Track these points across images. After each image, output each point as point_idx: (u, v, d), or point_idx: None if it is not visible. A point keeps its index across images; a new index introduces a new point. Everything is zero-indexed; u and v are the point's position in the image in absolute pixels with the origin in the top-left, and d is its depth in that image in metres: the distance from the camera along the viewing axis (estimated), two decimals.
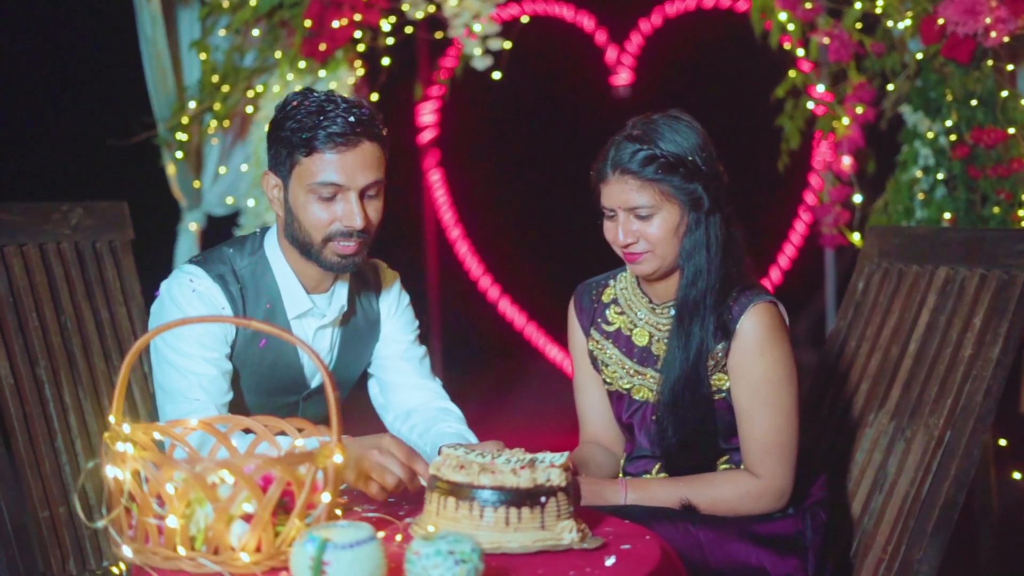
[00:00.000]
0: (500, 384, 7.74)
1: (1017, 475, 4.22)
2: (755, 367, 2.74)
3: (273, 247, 2.84)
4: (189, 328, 2.71)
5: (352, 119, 2.66)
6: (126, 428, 2.02)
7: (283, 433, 2.32)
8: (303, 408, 2.95)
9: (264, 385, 2.86)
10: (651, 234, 2.74)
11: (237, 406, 2.84)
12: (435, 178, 7.06)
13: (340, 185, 2.67)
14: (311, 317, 2.86)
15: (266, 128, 2.80)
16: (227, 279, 2.79)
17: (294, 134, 2.67)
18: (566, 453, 2.26)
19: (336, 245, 2.72)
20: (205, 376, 2.71)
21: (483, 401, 7.08)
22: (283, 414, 2.84)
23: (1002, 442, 4.28)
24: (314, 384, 2.93)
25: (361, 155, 2.68)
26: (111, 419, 2.04)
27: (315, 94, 2.72)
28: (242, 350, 2.80)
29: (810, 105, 4.91)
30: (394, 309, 3.06)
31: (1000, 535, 4.36)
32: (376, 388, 3.11)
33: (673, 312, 2.82)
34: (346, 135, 2.65)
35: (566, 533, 2.18)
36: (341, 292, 2.90)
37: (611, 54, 7.11)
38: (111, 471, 2.00)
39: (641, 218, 2.74)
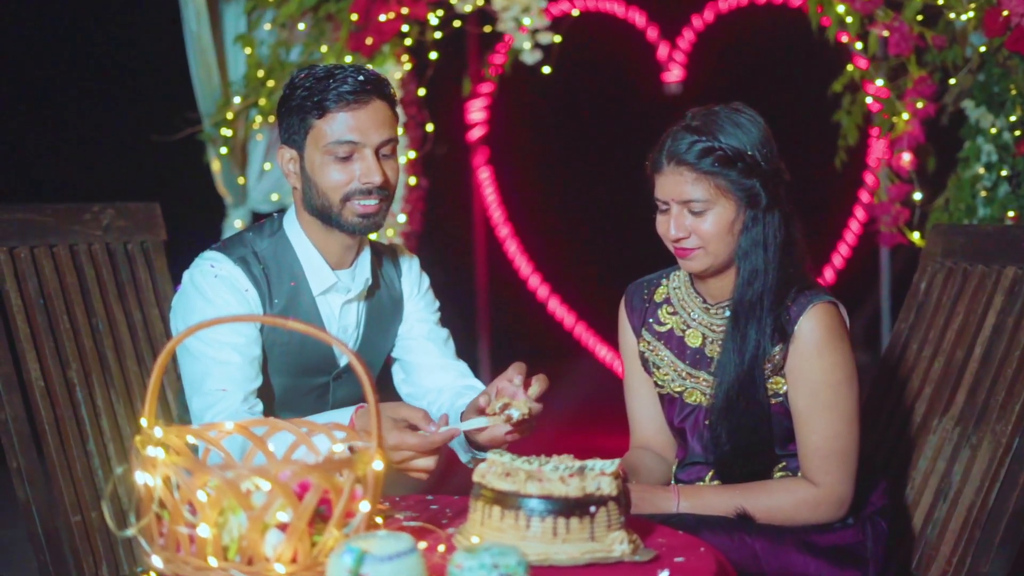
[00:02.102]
0: (549, 384, 7.65)
1: None
2: (814, 370, 2.66)
3: (292, 225, 2.85)
4: (214, 316, 2.69)
5: (361, 78, 2.71)
6: (157, 432, 1.95)
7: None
8: (333, 389, 2.92)
9: (294, 365, 2.84)
10: (704, 230, 2.66)
11: (268, 391, 2.83)
12: (484, 176, 7.04)
13: (356, 143, 2.71)
14: (336, 292, 2.86)
15: None
16: (249, 261, 2.78)
17: (305, 100, 2.71)
18: (617, 460, 2.17)
19: (355, 205, 2.73)
20: (231, 364, 2.70)
21: None
22: (314, 396, 2.88)
23: None
24: (343, 363, 2.90)
25: (373, 112, 2.72)
26: (143, 422, 1.96)
27: (320, 65, 2.78)
28: (272, 330, 2.79)
29: (868, 100, 4.79)
30: (416, 289, 3.05)
31: None
32: (401, 375, 3.09)
33: (728, 313, 2.74)
34: (357, 93, 2.69)
35: (617, 544, 2.09)
36: (364, 266, 2.90)
37: (662, 51, 7.06)
38: (141, 477, 1.92)
39: (695, 213, 2.66)
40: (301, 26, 5.06)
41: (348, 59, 4.90)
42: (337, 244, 2.82)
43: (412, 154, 5.24)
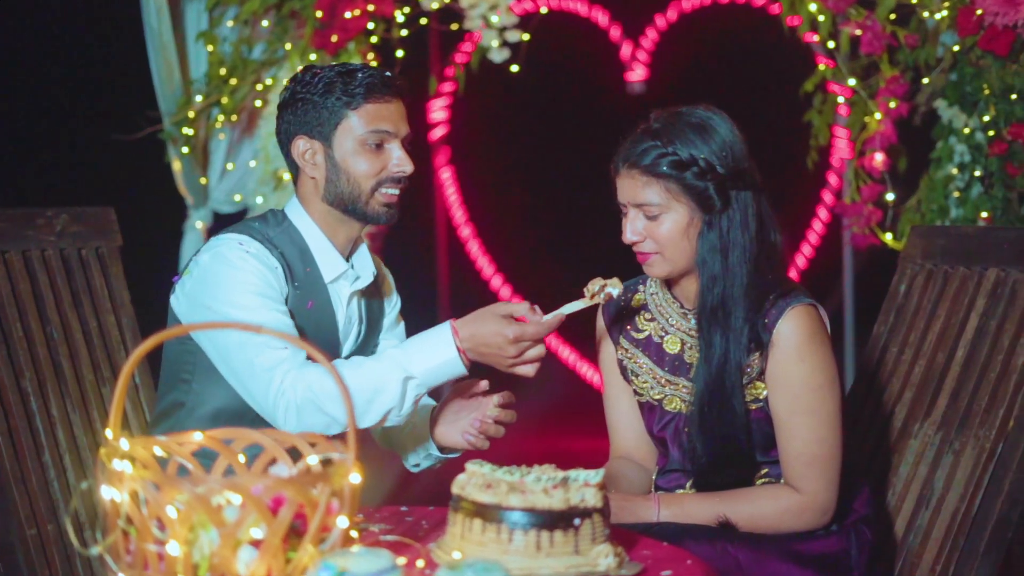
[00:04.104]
0: (512, 387, 7.60)
1: None
2: (794, 374, 2.61)
3: (299, 215, 2.85)
4: (248, 285, 2.70)
5: (388, 74, 2.82)
6: (124, 444, 1.86)
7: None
8: None
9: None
10: (659, 234, 2.63)
11: None
12: (446, 176, 7.02)
13: (390, 133, 2.79)
14: (344, 280, 2.86)
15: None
16: (266, 245, 2.78)
17: (328, 93, 2.77)
18: (601, 471, 2.11)
19: (383, 194, 2.79)
20: (285, 326, 2.68)
21: None
22: None
23: None
24: (344, 352, 2.89)
25: (399, 107, 2.82)
26: (108, 434, 1.88)
27: (329, 64, 2.89)
28: (294, 311, 2.77)
29: (840, 100, 4.76)
30: (394, 300, 3.08)
31: None
32: None
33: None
34: (388, 87, 2.80)
35: (602, 558, 2.03)
36: (367, 260, 2.92)
37: (626, 50, 7.02)
38: (107, 492, 1.84)
39: (650, 217, 2.63)
40: (264, 23, 4.99)
41: (312, 56, 4.84)
42: (344, 236, 2.84)
43: None
